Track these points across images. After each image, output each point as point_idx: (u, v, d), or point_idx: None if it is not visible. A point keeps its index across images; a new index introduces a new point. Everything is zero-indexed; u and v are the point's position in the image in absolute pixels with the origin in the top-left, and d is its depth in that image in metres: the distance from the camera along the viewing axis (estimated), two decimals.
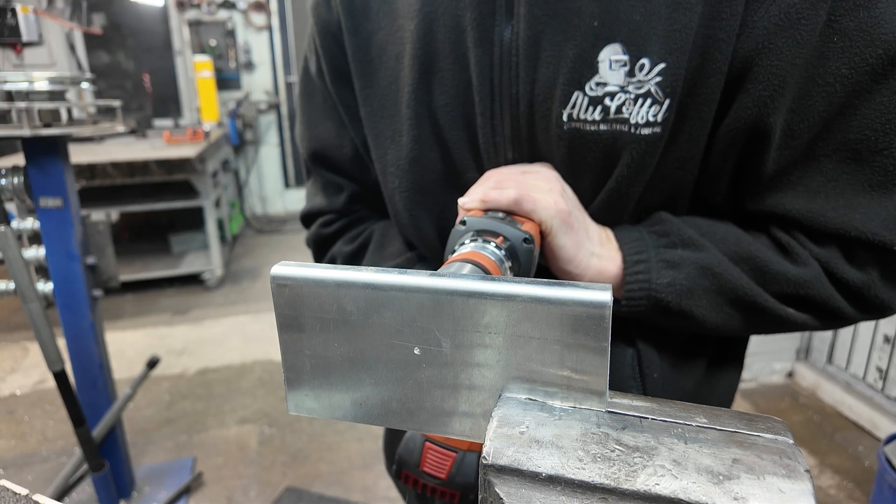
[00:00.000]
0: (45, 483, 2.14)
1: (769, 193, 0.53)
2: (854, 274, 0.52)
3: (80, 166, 3.32)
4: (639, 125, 0.51)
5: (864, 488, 2.04)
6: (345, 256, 0.74)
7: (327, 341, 0.33)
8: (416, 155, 0.62)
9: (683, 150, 0.53)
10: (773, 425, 0.26)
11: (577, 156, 0.54)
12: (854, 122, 0.49)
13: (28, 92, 1.48)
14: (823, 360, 2.63)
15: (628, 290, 0.54)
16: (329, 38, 0.65)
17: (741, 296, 0.53)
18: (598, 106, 0.51)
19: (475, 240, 0.47)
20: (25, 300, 1.48)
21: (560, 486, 0.24)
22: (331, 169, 0.74)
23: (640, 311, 0.55)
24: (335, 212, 0.76)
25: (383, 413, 0.33)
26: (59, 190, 1.60)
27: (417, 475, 0.58)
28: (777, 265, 0.53)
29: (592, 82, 0.51)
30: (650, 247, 0.54)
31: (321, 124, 0.72)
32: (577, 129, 0.53)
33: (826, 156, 0.50)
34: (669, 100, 0.49)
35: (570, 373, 0.28)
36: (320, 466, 2.22)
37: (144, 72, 5.04)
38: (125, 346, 3.21)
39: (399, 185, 0.64)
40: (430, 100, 0.59)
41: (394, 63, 0.61)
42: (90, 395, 1.82)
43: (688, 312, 0.54)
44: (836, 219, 0.51)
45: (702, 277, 0.53)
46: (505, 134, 0.57)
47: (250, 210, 6.09)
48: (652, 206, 0.57)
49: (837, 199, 0.51)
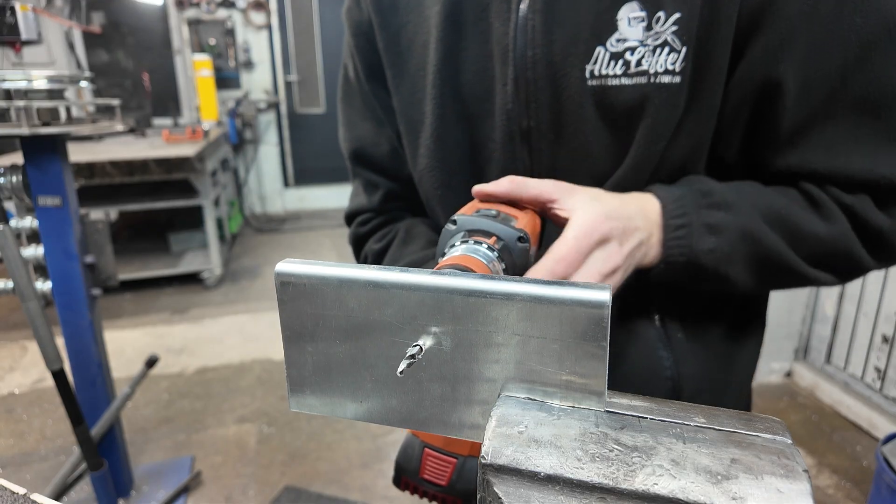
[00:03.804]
0: (44, 482, 2.14)
1: (793, 152, 0.54)
2: (884, 220, 0.53)
3: (79, 165, 3.31)
4: (658, 73, 0.52)
5: (863, 488, 2.04)
6: (374, 254, 0.76)
7: (329, 339, 0.33)
8: (441, 133, 0.64)
9: (702, 102, 0.54)
10: (772, 425, 0.26)
11: (603, 113, 0.55)
12: (870, 75, 0.49)
13: (27, 90, 1.48)
14: (822, 359, 2.64)
15: (668, 255, 0.53)
16: (362, 38, 0.69)
17: (775, 260, 0.54)
18: (619, 60, 0.53)
19: (466, 241, 0.45)
20: (24, 299, 1.47)
21: (559, 486, 0.24)
22: (369, 167, 0.77)
23: (673, 275, 0.54)
24: (372, 210, 0.79)
25: (384, 411, 0.33)
26: (58, 189, 1.60)
27: (417, 482, 0.57)
28: (808, 225, 0.53)
29: (613, 39, 0.53)
30: (692, 209, 0.53)
31: (360, 125, 0.76)
32: (600, 85, 0.54)
33: (844, 111, 0.51)
34: (686, 48, 0.51)
35: (569, 372, 0.28)
36: (319, 465, 2.22)
37: (143, 70, 5.04)
38: (124, 344, 3.21)
39: (427, 166, 0.67)
40: (454, 77, 0.61)
41: (421, 51, 0.64)
42: (89, 393, 1.82)
43: (723, 277, 0.54)
44: (863, 169, 0.51)
45: (742, 243, 0.53)
46: (520, 100, 0.58)
47: (249, 209, 6.08)
48: (674, 165, 0.57)
49: (860, 152, 0.51)
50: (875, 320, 2.34)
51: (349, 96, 0.77)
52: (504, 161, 0.62)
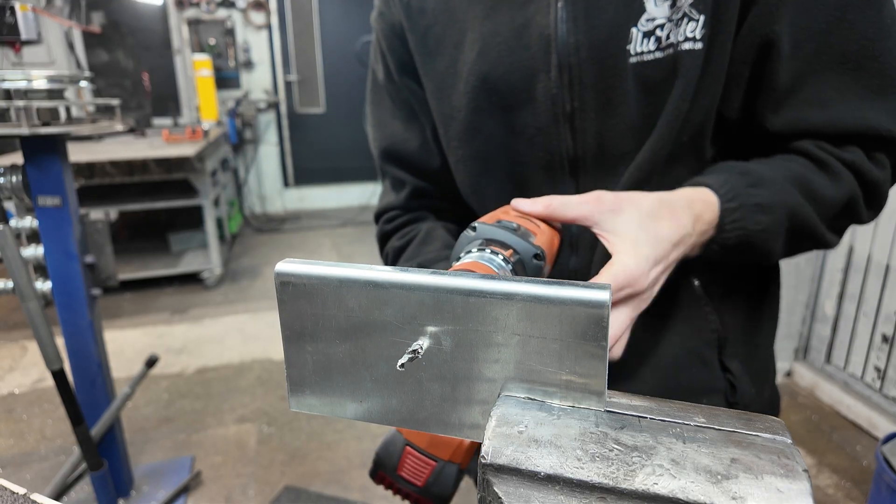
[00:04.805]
0: (44, 482, 2.14)
1: (788, 109, 0.59)
2: (877, 173, 0.59)
3: (79, 165, 3.31)
4: (680, 42, 0.57)
5: (862, 488, 2.04)
6: (394, 251, 0.80)
7: (329, 338, 0.33)
8: (477, 125, 0.68)
9: (716, 64, 0.58)
10: (772, 425, 0.26)
11: (642, 86, 0.60)
12: (851, 34, 0.55)
13: (27, 90, 1.48)
14: (822, 359, 2.64)
15: (724, 238, 0.55)
16: (395, 39, 0.74)
17: (808, 231, 0.59)
18: (651, 37, 0.58)
19: (482, 249, 0.45)
20: (24, 299, 1.47)
21: (559, 486, 0.24)
22: (397, 164, 0.80)
23: (724, 255, 0.57)
24: (398, 208, 0.82)
25: (384, 411, 0.33)
26: (58, 189, 1.60)
27: (393, 479, 0.56)
28: (825, 190, 0.58)
29: (643, 19, 0.58)
30: (741, 190, 0.55)
31: (390, 123, 0.80)
32: (640, 61, 0.59)
33: (830, 68, 0.57)
34: (703, 16, 0.56)
35: (569, 372, 0.28)
36: (319, 465, 2.22)
37: (143, 70, 5.03)
38: (124, 344, 3.21)
39: (462, 156, 0.71)
40: (490, 71, 0.65)
41: (452, 50, 0.69)
42: (89, 393, 1.82)
43: (768, 251, 0.58)
44: (852, 120, 0.57)
45: (787, 220, 0.57)
46: (564, 84, 0.62)
47: (249, 209, 6.08)
48: (695, 125, 0.61)
49: (847, 104, 0.57)
50: (875, 320, 2.34)
51: (378, 98, 0.81)
52: (548, 144, 0.65)
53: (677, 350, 0.68)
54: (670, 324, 0.68)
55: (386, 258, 0.83)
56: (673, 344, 0.68)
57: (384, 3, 0.74)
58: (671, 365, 0.68)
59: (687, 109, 0.59)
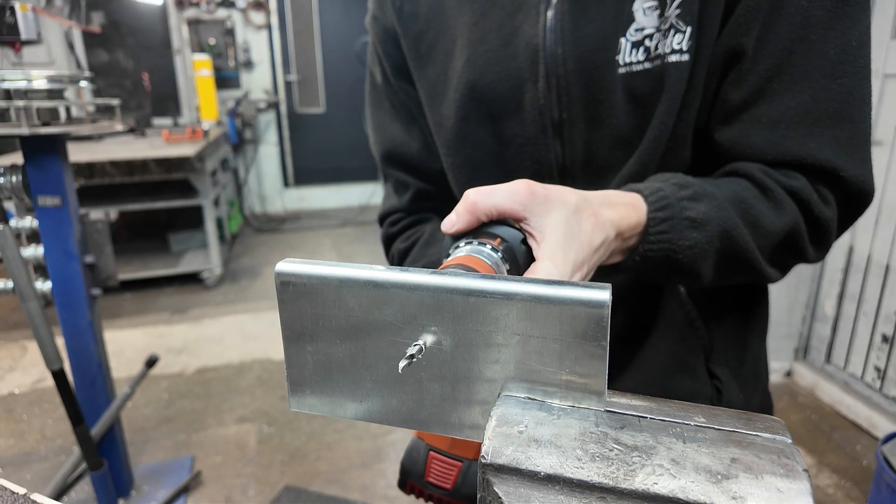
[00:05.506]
0: (44, 482, 2.14)
1: (737, 126, 0.57)
2: (823, 208, 0.56)
3: (79, 165, 3.31)
4: (667, 54, 0.56)
5: (862, 488, 2.04)
6: (399, 253, 0.79)
7: (330, 338, 0.33)
8: (465, 133, 0.68)
9: (699, 75, 0.57)
10: (772, 425, 0.26)
11: (630, 96, 0.59)
12: (811, 54, 0.53)
13: (27, 90, 1.48)
14: (822, 359, 2.64)
15: (647, 249, 0.52)
16: (389, 42, 0.73)
17: (742, 258, 0.55)
18: (640, 48, 0.58)
19: (471, 242, 0.45)
20: (24, 299, 1.47)
21: (559, 486, 0.24)
22: (399, 166, 0.80)
23: (645, 268, 0.54)
24: (402, 210, 0.82)
25: (384, 411, 0.33)
26: (58, 189, 1.60)
27: (423, 486, 0.57)
28: (765, 217, 0.55)
29: (632, 29, 0.57)
30: (673, 200, 0.52)
31: (390, 126, 0.79)
32: (628, 72, 0.58)
33: (787, 88, 0.55)
34: (690, 28, 0.55)
35: (569, 372, 0.28)
36: (319, 465, 2.22)
37: (143, 70, 5.03)
38: (124, 344, 3.21)
39: (452, 164, 0.71)
40: (478, 80, 0.65)
41: (442, 58, 0.68)
42: (89, 393, 1.82)
43: (695, 272, 0.54)
44: (794, 147, 0.54)
45: (718, 240, 0.53)
46: (551, 95, 0.61)
47: (249, 209, 6.08)
48: (680, 135, 0.60)
49: (796, 128, 0.54)
50: (875, 320, 2.34)
51: (377, 101, 0.80)
52: (536, 153, 0.65)
53: (662, 357, 0.67)
54: (655, 330, 0.67)
55: (392, 260, 0.83)
56: (658, 351, 0.67)
57: (378, 7, 0.74)
58: (656, 372, 0.67)
59: (674, 121, 0.58)
